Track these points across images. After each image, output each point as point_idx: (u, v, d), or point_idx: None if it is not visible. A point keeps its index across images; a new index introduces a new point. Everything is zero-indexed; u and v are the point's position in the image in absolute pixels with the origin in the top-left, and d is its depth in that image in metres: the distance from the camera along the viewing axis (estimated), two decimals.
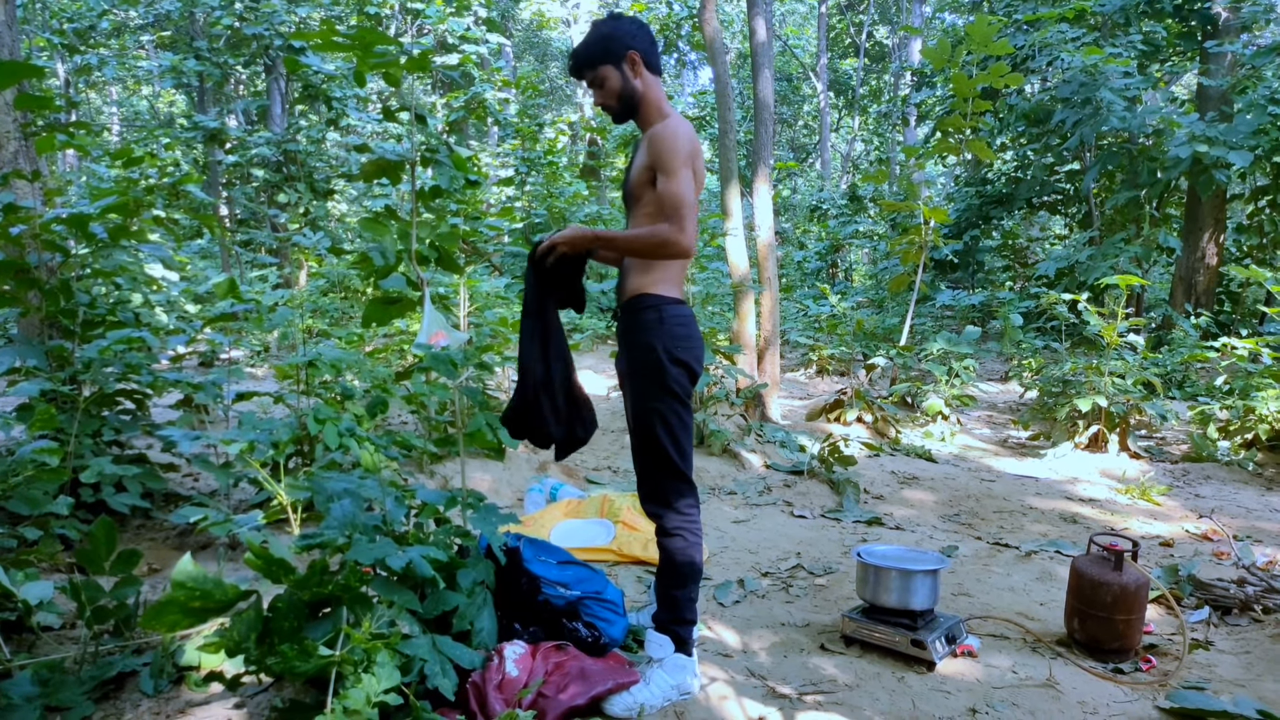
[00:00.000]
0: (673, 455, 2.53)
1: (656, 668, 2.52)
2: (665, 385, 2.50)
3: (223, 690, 2.34)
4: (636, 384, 2.54)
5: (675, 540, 2.54)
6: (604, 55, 2.54)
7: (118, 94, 26.42)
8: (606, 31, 2.55)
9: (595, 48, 2.55)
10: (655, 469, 2.55)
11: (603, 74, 2.55)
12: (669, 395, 2.51)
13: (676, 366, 2.51)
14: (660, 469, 2.54)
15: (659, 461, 2.54)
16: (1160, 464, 6.43)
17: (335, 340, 6.23)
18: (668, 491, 2.55)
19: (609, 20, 2.59)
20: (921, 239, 8.11)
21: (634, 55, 2.54)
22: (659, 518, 2.56)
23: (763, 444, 6.17)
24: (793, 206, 24.66)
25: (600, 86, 2.58)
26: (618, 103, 2.58)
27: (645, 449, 2.55)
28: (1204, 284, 11.68)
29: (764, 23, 7.59)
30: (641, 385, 2.53)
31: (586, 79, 2.61)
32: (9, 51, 3.85)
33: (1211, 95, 11.84)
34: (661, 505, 2.56)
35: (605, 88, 2.57)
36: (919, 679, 2.71)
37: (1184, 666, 2.83)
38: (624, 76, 2.55)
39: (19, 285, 3.51)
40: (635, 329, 2.55)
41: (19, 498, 2.92)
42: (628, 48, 2.54)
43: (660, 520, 2.56)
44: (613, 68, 2.54)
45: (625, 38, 2.54)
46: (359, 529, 2.30)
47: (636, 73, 2.56)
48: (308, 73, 12.26)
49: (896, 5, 26.81)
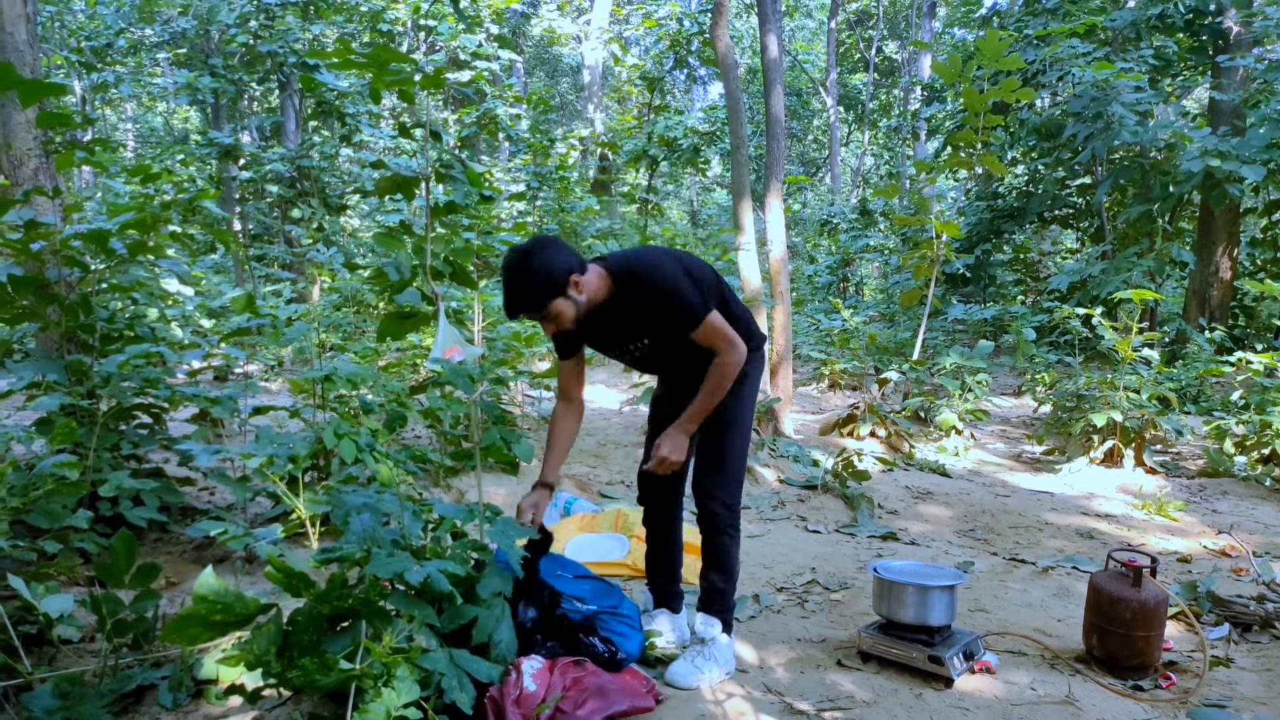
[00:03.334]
0: (742, 455, 2.84)
1: (710, 647, 2.78)
2: (752, 390, 2.86)
3: (242, 704, 2.34)
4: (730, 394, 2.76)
5: (728, 539, 2.82)
6: (552, 294, 2.51)
7: (133, 111, 26.68)
8: (542, 271, 2.48)
9: (542, 292, 2.50)
10: (727, 472, 2.81)
11: (555, 309, 2.53)
12: (747, 400, 2.85)
13: (757, 372, 2.89)
14: (734, 472, 2.82)
15: (734, 465, 2.82)
16: (1176, 479, 6.39)
17: (350, 355, 6.25)
18: (733, 494, 2.83)
19: (534, 257, 2.49)
20: (933, 253, 8.10)
21: (575, 278, 2.53)
22: (717, 517, 2.80)
23: (776, 459, 6.15)
24: (803, 221, 24.68)
25: (555, 320, 2.56)
26: (576, 321, 2.59)
27: (726, 454, 2.81)
28: (1218, 298, 11.62)
29: (775, 39, 7.62)
30: (732, 394, 2.74)
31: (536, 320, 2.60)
32: (30, 70, 3.90)
33: (1224, 109, 11.82)
34: (724, 507, 2.80)
35: (560, 319, 2.56)
36: (937, 696, 2.70)
37: (1204, 684, 2.81)
38: (574, 301, 2.55)
39: (39, 300, 3.53)
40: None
41: (39, 511, 2.93)
42: (568, 274, 2.51)
43: (715, 519, 2.80)
44: (562, 300, 2.53)
45: (560, 267, 2.49)
46: (378, 543, 2.31)
47: (580, 289, 2.55)
48: (322, 89, 12.36)
49: (906, 21, 26.90)
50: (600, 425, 6.70)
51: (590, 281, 2.58)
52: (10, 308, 3.49)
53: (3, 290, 3.38)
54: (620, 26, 20.87)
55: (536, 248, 2.52)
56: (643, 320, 2.67)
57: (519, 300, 2.52)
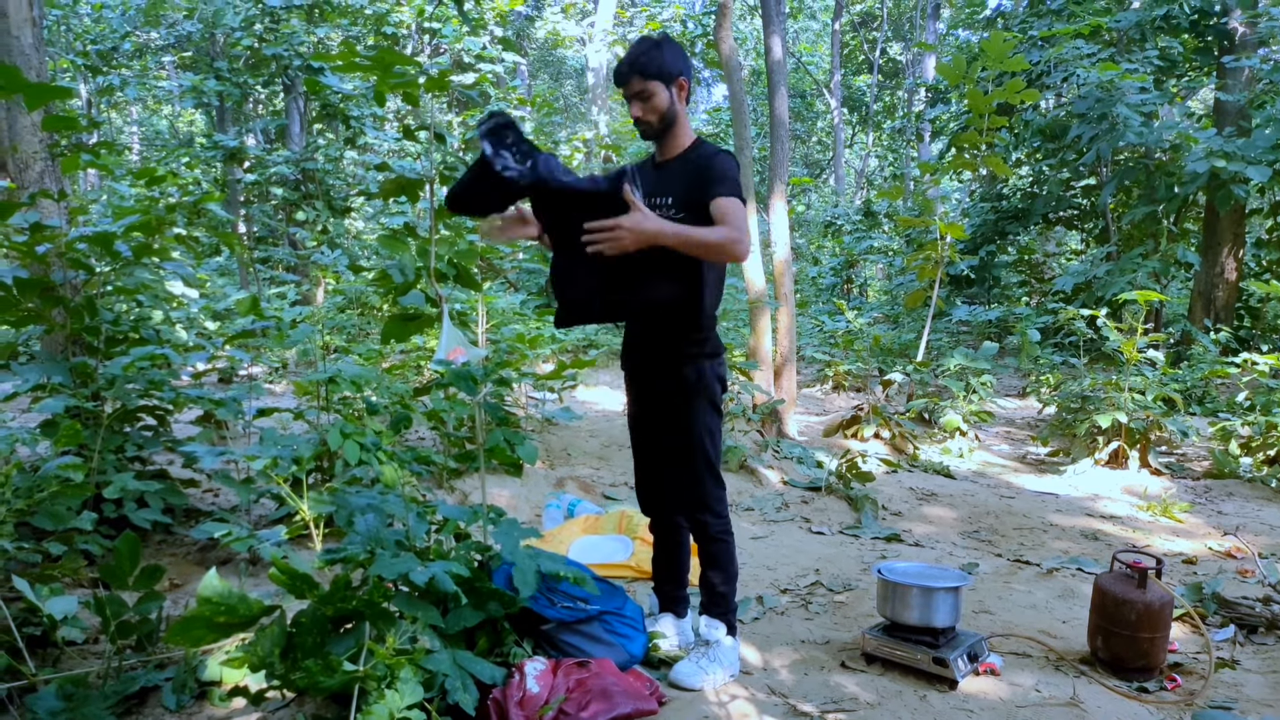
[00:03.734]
0: (716, 464, 2.79)
1: (714, 649, 2.78)
2: (713, 400, 2.75)
3: (246, 705, 2.34)
4: (683, 400, 2.72)
5: (721, 545, 2.80)
6: (659, 71, 2.59)
7: (138, 114, 26.75)
8: (665, 50, 2.60)
9: (652, 61, 2.58)
10: (702, 479, 2.77)
11: (652, 88, 2.60)
12: (714, 409, 2.77)
13: (717, 382, 2.76)
14: (709, 478, 2.78)
15: (708, 471, 2.77)
16: (1182, 480, 6.37)
17: (354, 357, 6.26)
18: (712, 499, 2.79)
19: (666, 41, 2.64)
20: (938, 254, 8.09)
21: (683, 82, 2.64)
22: (705, 525, 2.79)
23: (780, 460, 6.15)
24: (806, 222, 24.65)
25: (646, 100, 2.61)
26: (659, 120, 2.64)
27: (692, 461, 2.75)
28: (1223, 299, 11.59)
29: (779, 41, 7.62)
30: (689, 402, 2.72)
31: (633, 89, 2.62)
32: (37, 74, 3.91)
33: (1229, 110, 11.79)
34: (707, 512, 2.79)
35: (651, 102, 2.61)
36: (941, 698, 2.69)
37: (1210, 686, 2.80)
38: (672, 98, 2.63)
39: (44, 303, 3.54)
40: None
41: (44, 513, 2.94)
42: (681, 72, 2.62)
43: (706, 528, 2.79)
44: (663, 85, 2.60)
45: (680, 62, 2.62)
46: (382, 544, 2.31)
47: (682, 98, 2.65)
48: (326, 92, 12.39)
49: (910, 22, 26.87)
50: (604, 427, 6.70)
51: (683, 114, 2.69)
52: (16, 310, 3.50)
53: (8, 293, 3.39)
54: (624, 29, 20.88)
55: (674, 42, 2.66)
56: (691, 176, 2.62)
57: (639, 59, 2.58)
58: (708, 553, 2.82)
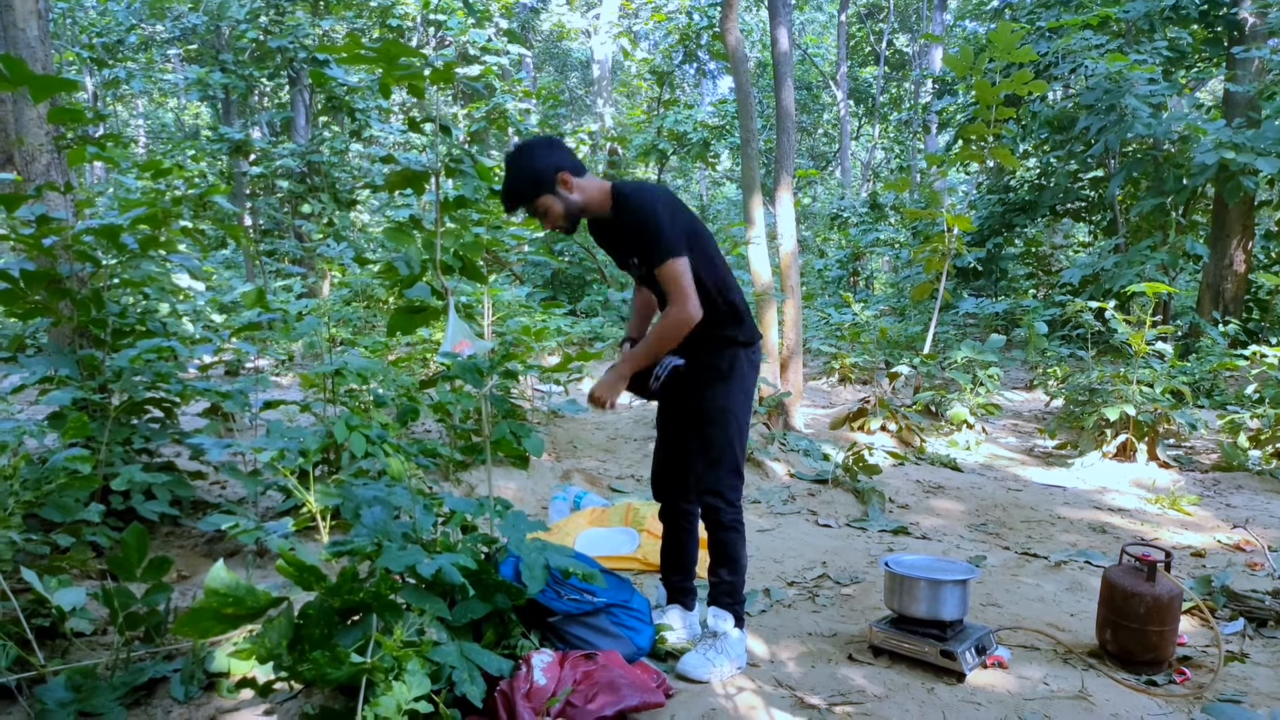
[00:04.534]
0: (740, 453, 2.80)
1: (722, 641, 2.78)
2: (744, 388, 2.80)
3: (253, 696, 2.35)
4: (715, 385, 2.76)
5: (732, 534, 2.81)
6: (534, 189, 2.61)
7: (144, 106, 26.77)
8: (531, 166, 2.60)
9: (527, 186, 2.60)
10: (721, 466, 2.79)
11: (541, 205, 2.63)
12: (744, 396, 2.80)
13: (752, 370, 2.83)
14: (729, 465, 2.79)
15: (728, 459, 2.79)
16: (1190, 473, 6.35)
17: (360, 349, 6.26)
18: (728, 487, 2.80)
19: (524, 152, 2.63)
20: (944, 246, 8.07)
21: (564, 176, 2.61)
22: (717, 511, 2.80)
23: (787, 453, 6.14)
24: (813, 215, 24.58)
25: (545, 215, 2.65)
26: (566, 219, 2.67)
27: (713, 447, 2.78)
28: (1232, 291, 11.54)
29: (786, 32, 7.58)
30: (719, 386, 2.76)
31: (527, 214, 2.67)
32: (42, 66, 3.91)
33: (1238, 101, 11.71)
34: (721, 499, 2.80)
35: (550, 215, 2.65)
36: (949, 690, 2.68)
37: (1219, 679, 2.79)
38: (562, 195, 2.63)
39: (51, 295, 3.55)
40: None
41: (52, 505, 2.95)
42: (556, 171, 2.60)
43: (718, 514, 2.80)
44: (548, 194, 2.61)
45: (550, 164, 2.60)
46: (389, 536, 2.31)
47: (570, 188, 2.63)
48: (332, 85, 12.38)
49: (917, 13, 26.77)
50: (610, 419, 6.70)
51: (588, 187, 2.68)
52: (23, 303, 3.51)
53: (15, 285, 3.39)
54: (629, 21, 20.84)
55: (532, 145, 2.65)
56: (632, 235, 2.69)
57: (512, 191, 2.62)
58: (717, 541, 2.83)
